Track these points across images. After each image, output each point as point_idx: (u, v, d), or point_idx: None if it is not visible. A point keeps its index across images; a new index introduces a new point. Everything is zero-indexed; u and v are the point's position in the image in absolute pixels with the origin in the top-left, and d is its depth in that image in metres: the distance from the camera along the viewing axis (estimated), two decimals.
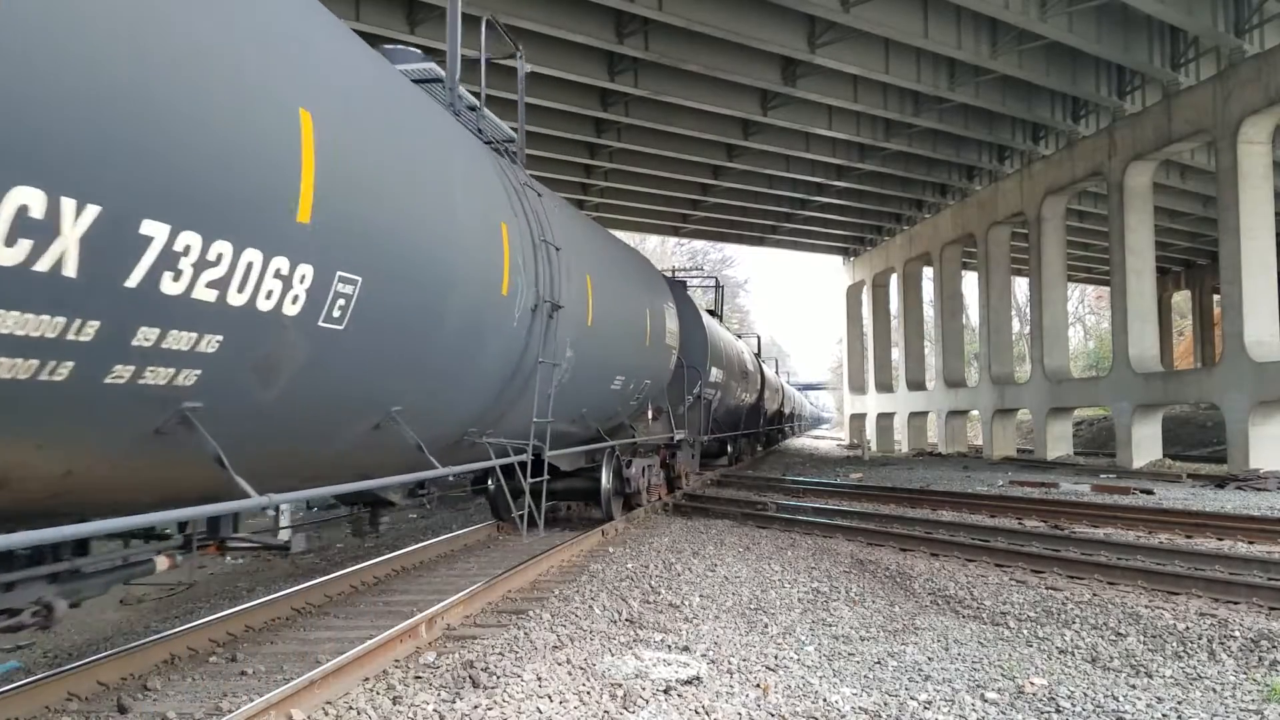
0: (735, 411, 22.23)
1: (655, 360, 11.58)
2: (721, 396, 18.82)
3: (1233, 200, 19.31)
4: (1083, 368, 50.12)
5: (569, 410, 8.45)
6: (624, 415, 11.22)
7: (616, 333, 9.52)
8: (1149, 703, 4.46)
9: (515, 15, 16.77)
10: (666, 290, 13.09)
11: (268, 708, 3.95)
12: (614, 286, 9.52)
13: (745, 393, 22.96)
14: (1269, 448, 18.59)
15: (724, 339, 20.17)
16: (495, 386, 6.49)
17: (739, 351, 22.67)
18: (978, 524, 11.30)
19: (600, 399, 9.61)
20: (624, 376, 10.07)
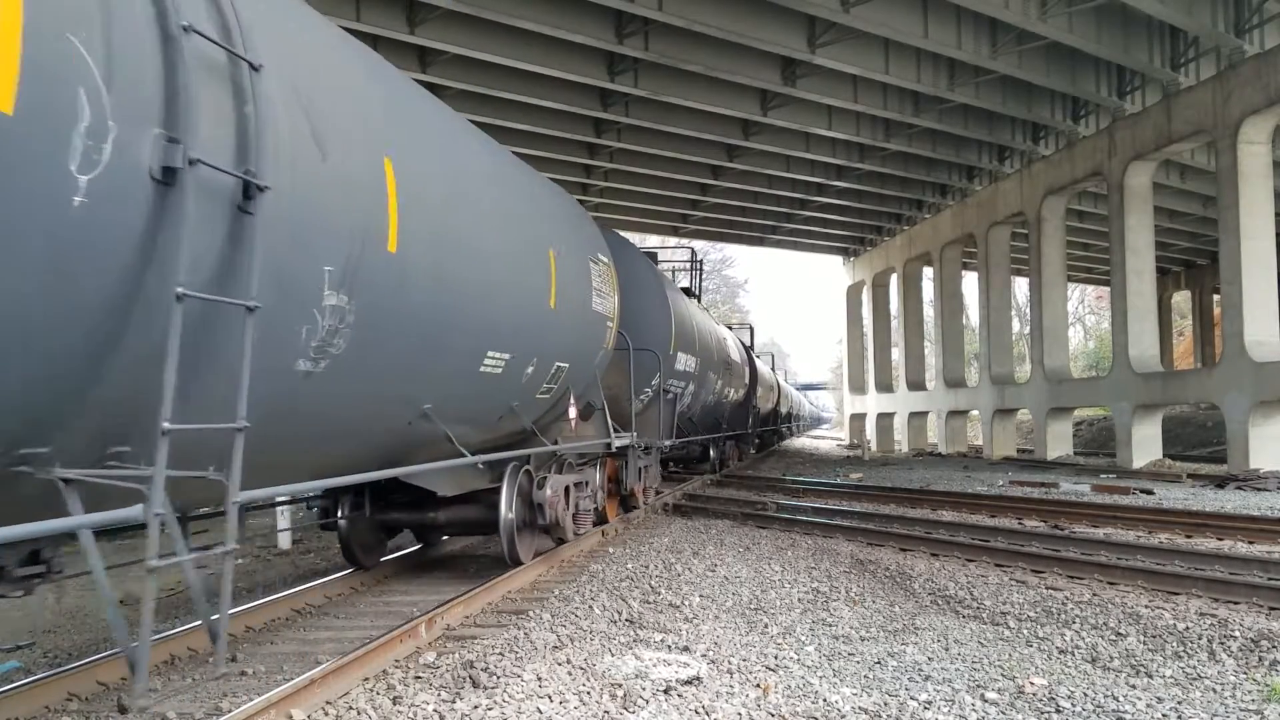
0: (715, 410, 19.06)
1: (574, 335, 8.29)
2: (696, 391, 15.78)
3: (1233, 200, 19.31)
4: (1083, 368, 50.12)
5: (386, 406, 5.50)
6: (527, 415, 7.86)
7: (478, 278, 6.07)
8: (1149, 703, 4.46)
9: (515, 15, 16.78)
10: (600, 242, 9.66)
11: (268, 707, 3.95)
12: (467, 195, 6.03)
13: (729, 387, 19.90)
14: (1269, 448, 18.59)
15: (698, 321, 16.18)
16: None
17: (720, 338, 19.04)
18: (978, 524, 11.30)
19: (457, 388, 6.29)
20: (508, 354, 6.76)
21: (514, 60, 18.63)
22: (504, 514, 7.53)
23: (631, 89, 20.79)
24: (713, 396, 18.13)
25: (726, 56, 19.84)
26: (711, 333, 17.93)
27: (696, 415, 17.07)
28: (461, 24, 17.51)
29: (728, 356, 19.60)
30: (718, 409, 19.55)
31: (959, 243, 31.63)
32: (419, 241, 5.13)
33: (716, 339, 18.36)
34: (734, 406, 22.13)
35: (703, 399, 17.04)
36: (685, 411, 15.47)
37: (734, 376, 20.75)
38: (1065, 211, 26.72)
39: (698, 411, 17.03)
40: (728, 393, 20.19)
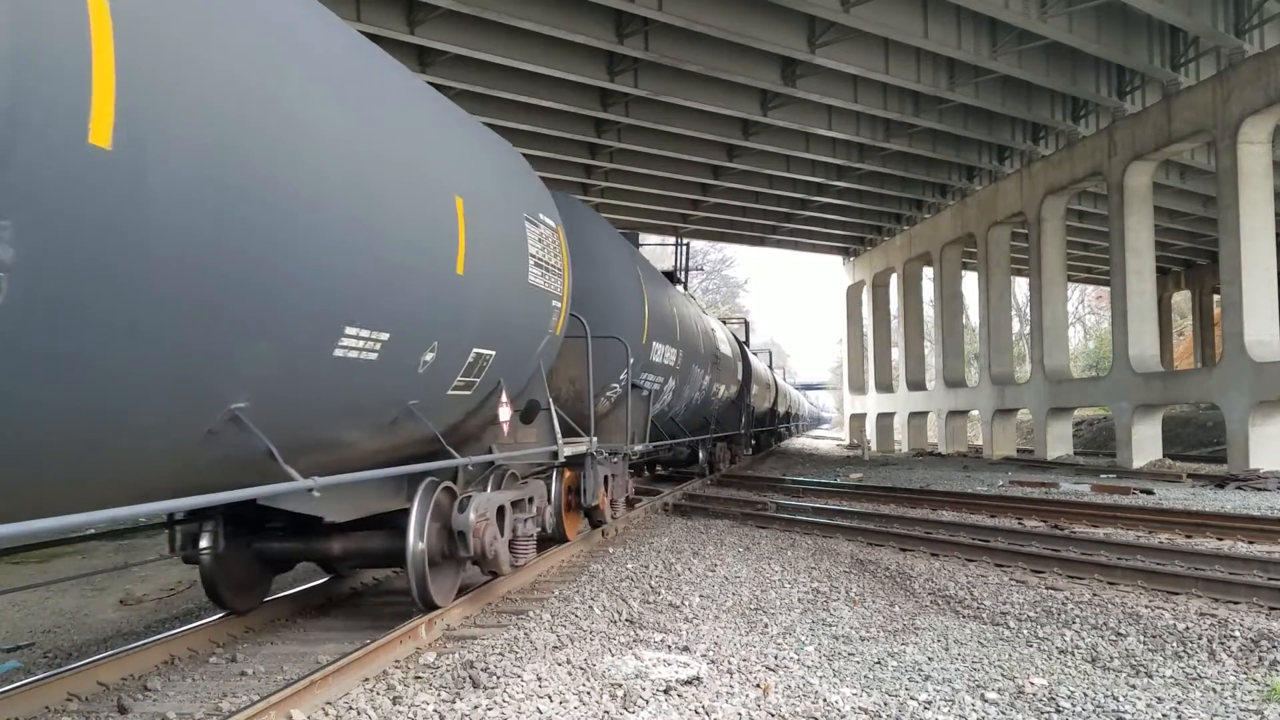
0: (702, 409, 17.49)
1: (500, 314, 6.14)
2: (677, 387, 13.73)
3: (1233, 200, 19.31)
4: (1083, 368, 50.11)
5: None
6: (434, 418, 5.71)
7: (313, 215, 3.77)
8: (1149, 703, 4.46)
9: (515, 15, 16.78)
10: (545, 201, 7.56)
11: (268, 708, 3.95)
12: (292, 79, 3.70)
13: (719, 384, 18.19)
14: (1269, 448, 18.59)
15: (680, 308, 13.98)
16: None
17: (708, 330, 17.14)
18: (978, 524, 11.30)
19: (294, 380, 4.08)
20: (384, 334, 4.53)
21: (514, 60, 18.64)
22: (413, 544, 5.78)
23: (631, 89, 20.79)
24: (699, 394, 16.18)
25: (726, 56, 19.84)
26: (697, 323, 15.79)
27: (680, 415, 15.26)
28: (461, 24, 17.51)
29: (716, 350, 17.61)
30: (705, 408, 17.77)
31: (959, 243, 31.64)
32: (177, 139, 2.97)
33: (704, 330, 16.39)
34: (725, 405, 20.39)
35: (686, 396, 15.02)
36: (665, 411, 13.82)
37: (724, 372, 18.83)
38: (1065, 211, 26.72)
39: (681, 410, 15.18)
40: (717, 390, 18.28)
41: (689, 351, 14.11)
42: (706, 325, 17.41)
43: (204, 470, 3.92)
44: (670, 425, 14.81)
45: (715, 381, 17.64)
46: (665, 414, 13.94)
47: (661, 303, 12.19)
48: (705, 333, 16.49)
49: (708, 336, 16.72)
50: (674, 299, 13.77)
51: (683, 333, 13.58)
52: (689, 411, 16.06)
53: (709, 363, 16.47)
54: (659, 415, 13.34)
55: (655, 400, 12.58)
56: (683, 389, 14.42)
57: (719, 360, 17.85)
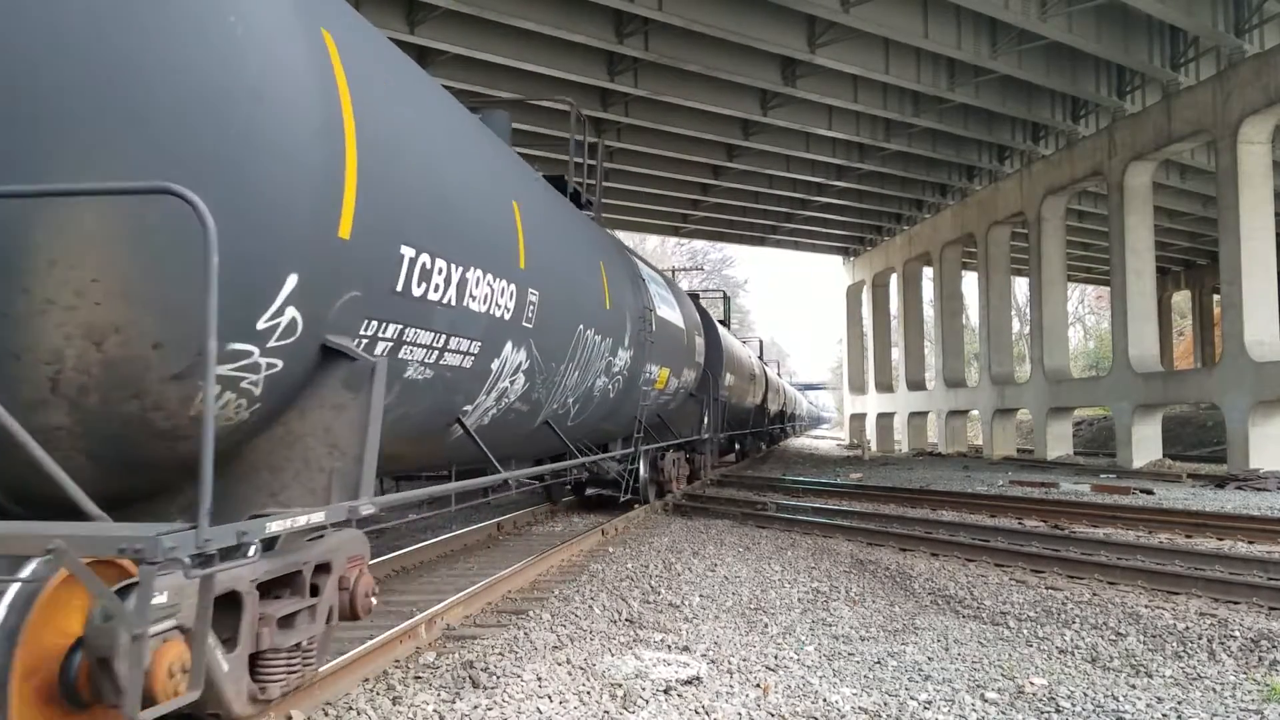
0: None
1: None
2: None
3: (1233, 200, 19.31)
4: (1083, 368, 50.13)
5: None
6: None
7: None
8: (1149, 703, 4.46)
9: (515, 15, 16.79)
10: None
11: (268, 708, 3.94)
12: None
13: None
14: (1269, 448, 18.60)
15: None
16: None
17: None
18: (978, 524, 11.30)
19: None
20: None
21: (514, 60, 18.64)
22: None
23: (631, 89, 20.80)
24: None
25: (726, 56, 19.85)
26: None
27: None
28: (461, 24, 17.52)
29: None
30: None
31: (959, 243, 31.64)
32: None
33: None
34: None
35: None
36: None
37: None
38: (1065, 211, 26.74)
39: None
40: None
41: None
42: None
43: None
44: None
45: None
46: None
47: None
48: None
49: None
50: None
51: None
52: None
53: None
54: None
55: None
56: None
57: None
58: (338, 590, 3.97)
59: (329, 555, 3.81)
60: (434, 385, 4.98)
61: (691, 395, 15.01)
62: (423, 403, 5.02)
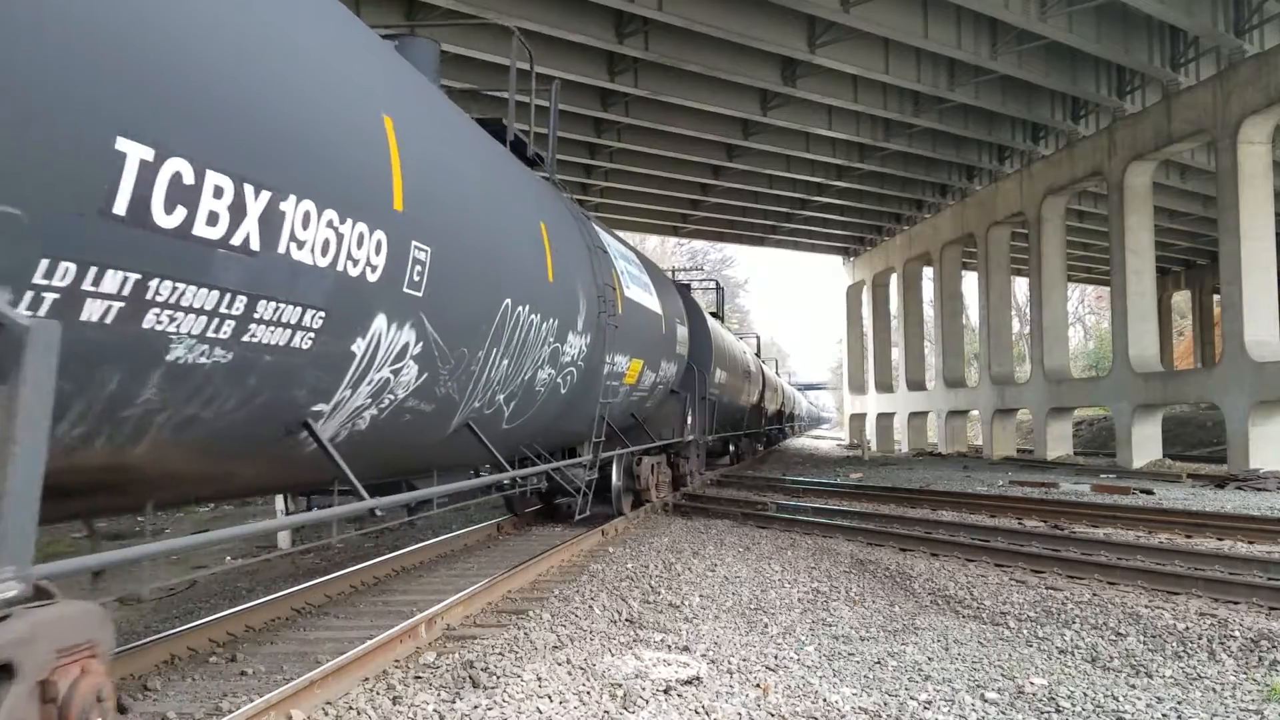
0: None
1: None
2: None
3: (1233, 201, 19.31)
4: (1083, 368, 50.12)
5: None
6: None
7: None
8: (1149, 703, 4.46)
9: (515, 15, 16.77)
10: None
11: (268, 708, 3.95)
12: None
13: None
14: (1269, 448, 18.60)
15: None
16: None
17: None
18: (978, 524, 11.30)
19: None
20: None
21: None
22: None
23: (631, 89, 20.80)
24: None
25: (726, 56, 19.84)
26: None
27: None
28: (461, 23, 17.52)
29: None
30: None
31: (959, 243, 31.64)
32: None
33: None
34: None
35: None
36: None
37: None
38: (1065, 211, 26.73)
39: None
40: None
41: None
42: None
43: None
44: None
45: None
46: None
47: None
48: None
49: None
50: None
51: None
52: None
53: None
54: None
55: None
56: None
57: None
58: (38, 702, 2.51)
59: (7, 652, 2.36)
60: (241, 374, 3.41)
61: (674, 393, 13.50)
62: (225, 401, 3.42)
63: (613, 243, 10.29)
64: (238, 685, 4.87)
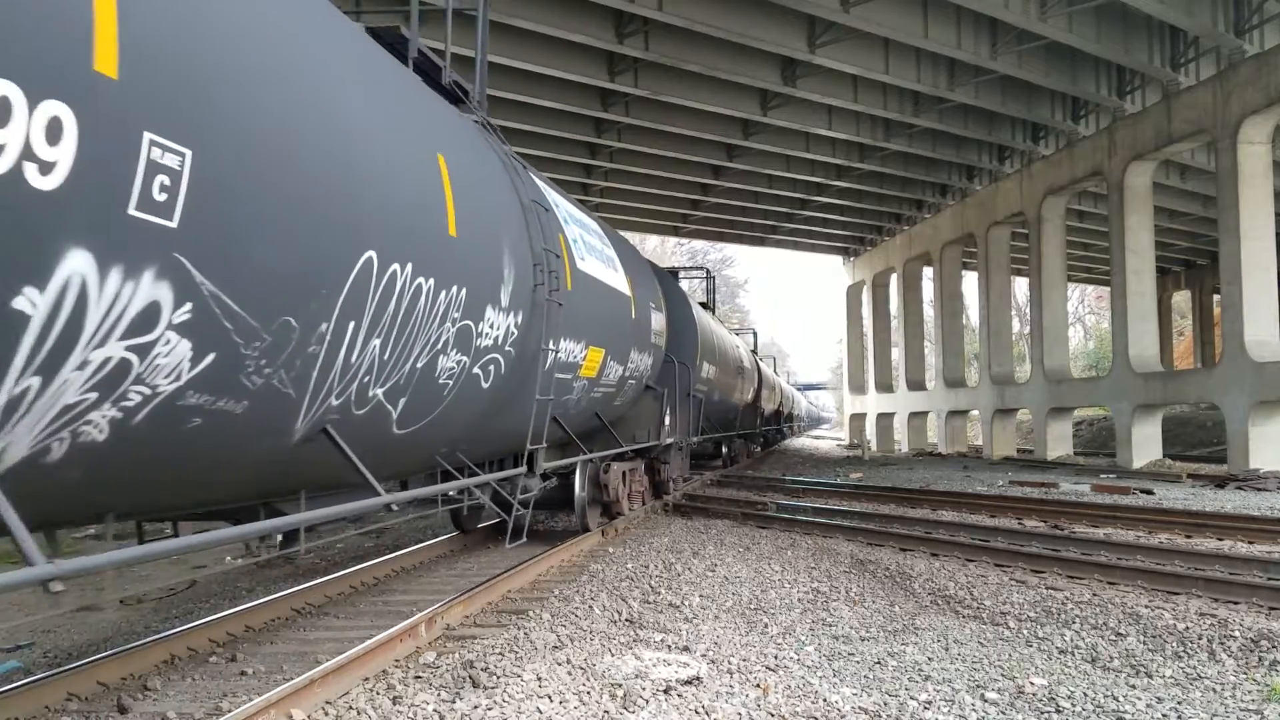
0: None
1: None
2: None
3: (1233, 201, 19.31)
4: (1083, 368, 50.12)
5: None
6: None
7: None
8: (1149, 703, 4.46)
9: (515, 15, 16.78)
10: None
11: (267, 707, 3.95)
12: None
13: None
14: (1269, 448, 18.59)
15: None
16: None
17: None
18: (978, 524, 11.30)
19: None
20: None
21: (514, 60, 18.63)
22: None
23: (631, 89, 20.80)
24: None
25: (726, 56, 19.84)
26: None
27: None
28: (461, 24, 17.50)
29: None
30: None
31: (959, 243, 31.64)
32: None
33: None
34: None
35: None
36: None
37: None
38: (1065, 211, 26.73)
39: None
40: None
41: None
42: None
43: None
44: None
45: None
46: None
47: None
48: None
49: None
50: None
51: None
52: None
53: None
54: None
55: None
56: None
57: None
58: None
59: None
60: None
61: (650, 389, 11.98)
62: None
63: (563, 204, 8.51)
64: (238, 685, 4.87)
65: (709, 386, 16.37)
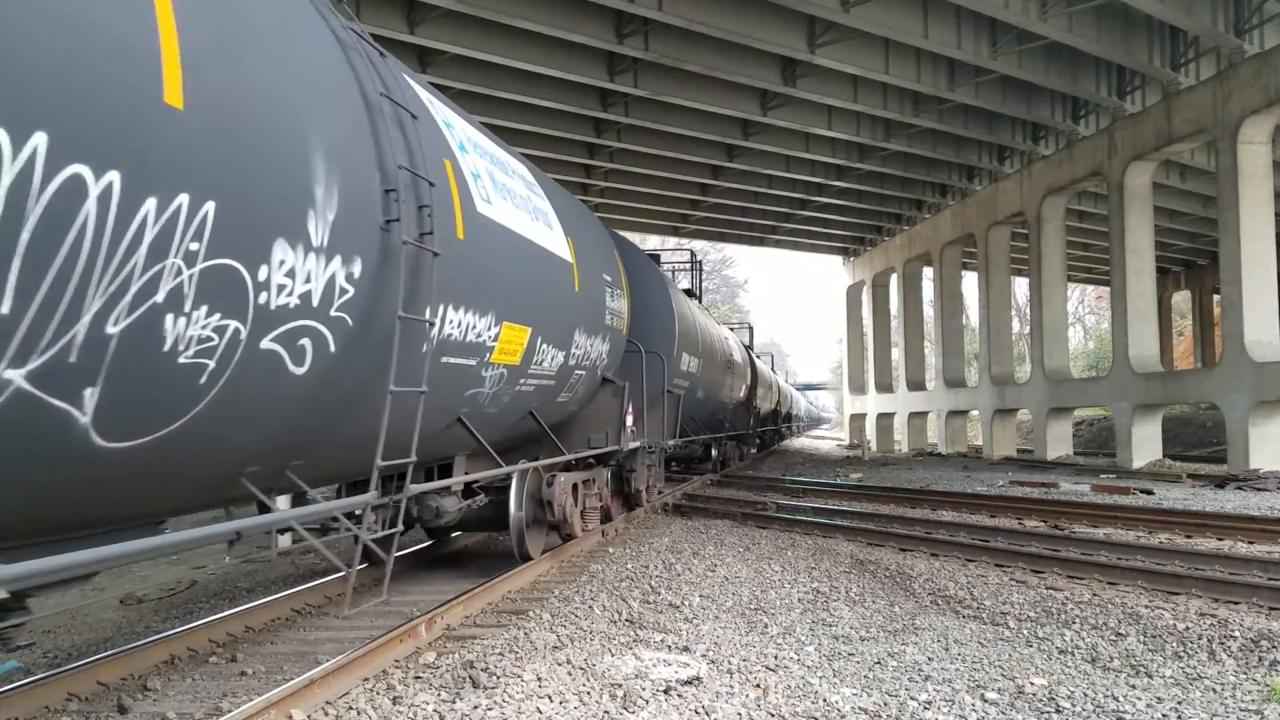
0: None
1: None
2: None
3: (1233, 201, 19.31)
4: (1083, 368, 50.13)
5: None
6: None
7: None
8: (1149, 703, 4.46)
9: (515, 15, 16.78)
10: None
11: (268, 707, 3.95)
12: None
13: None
14: (1269, 448, 18.60)
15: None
16: None
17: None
18: (978, 524, 11.30)
19: None
20: None
21: (514, 60, 18.64)
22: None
23: (631, 89, 20.79)
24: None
25: (726, 56, 19.84)
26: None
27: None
28: (461, 24, 17.52)
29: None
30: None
31: (959, 243, 31.64)
32: None
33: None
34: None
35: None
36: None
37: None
38: (1065, 211, 26.73)
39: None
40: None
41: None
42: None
43: None
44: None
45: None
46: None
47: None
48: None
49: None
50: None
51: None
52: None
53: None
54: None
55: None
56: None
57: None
58: None
59: None
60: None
61: (608, 382, 9.97)
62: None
63: (460, 124, 6.28)
64: (238, 685, 4.87)
65: (691, 382, 14.69)
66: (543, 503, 8.32)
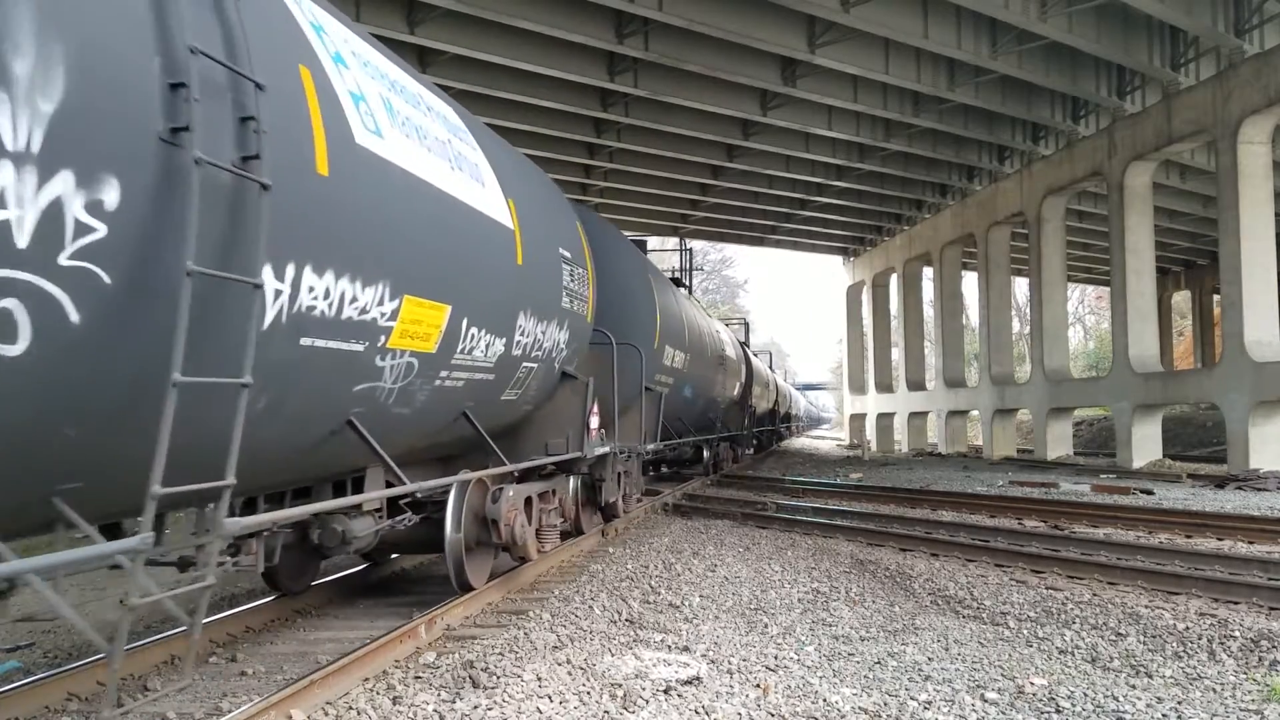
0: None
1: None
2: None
3: (1233, 201, 19.31)
4: (1083, 368, 50.12)
5: None
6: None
7: None
8: (1149, 703, 4.46)
9: (515, 15, 16.78)
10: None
11: (268, 707, 3.95)
12: None
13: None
14: (1269, 448, 18.60)
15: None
16: None
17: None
18: (978, 524, 11.30)
19: None
20: None
21: (514, 60, 18.64)
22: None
23: (631, 89, 20.79)
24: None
25: (726, 56, 19.84)
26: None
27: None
28: (461, 24, 17.51)
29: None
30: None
31: (959, 243, 31.64)
32: None
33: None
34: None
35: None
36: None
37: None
38: (1065, 211, 26.73)
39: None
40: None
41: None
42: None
43: None
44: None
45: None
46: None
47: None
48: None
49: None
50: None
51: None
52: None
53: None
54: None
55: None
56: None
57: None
58: None
59: None
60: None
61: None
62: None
63: (336, 28, 4.66)
64: (238, 685, 4.87)
65: (676, 378, 13.41)
66: (485, 523, 6.77)
